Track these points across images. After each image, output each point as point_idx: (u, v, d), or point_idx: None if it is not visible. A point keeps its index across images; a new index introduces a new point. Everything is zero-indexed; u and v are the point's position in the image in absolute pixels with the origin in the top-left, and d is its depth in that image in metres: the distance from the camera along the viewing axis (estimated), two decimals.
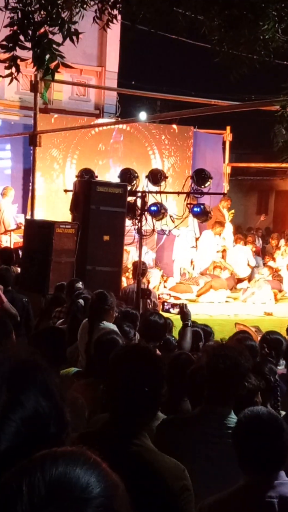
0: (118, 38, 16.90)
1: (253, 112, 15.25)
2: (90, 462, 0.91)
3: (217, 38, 6.25)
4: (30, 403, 1.12)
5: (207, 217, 10.43)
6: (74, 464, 0.89)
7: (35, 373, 1.19)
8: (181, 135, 15.84)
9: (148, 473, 2.20)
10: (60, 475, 0.87)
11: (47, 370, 1.21)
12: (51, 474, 0.87)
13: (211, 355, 3.13)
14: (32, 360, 1.22)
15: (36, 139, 12.21)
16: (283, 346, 5.75)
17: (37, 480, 0.86)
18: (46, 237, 9.24)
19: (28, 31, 5.06)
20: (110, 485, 0.90)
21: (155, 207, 10.12)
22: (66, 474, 0.87)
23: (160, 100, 21.86)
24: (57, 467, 0.88)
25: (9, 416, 1.10)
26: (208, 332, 6.69)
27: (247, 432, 2.50)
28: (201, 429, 3.03)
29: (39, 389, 1.15)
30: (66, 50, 5.20)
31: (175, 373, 4.07)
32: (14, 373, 1.17)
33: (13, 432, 1.09)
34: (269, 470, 2.44)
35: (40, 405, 1.13)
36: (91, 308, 5.60)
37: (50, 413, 1.14)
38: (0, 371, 1.17)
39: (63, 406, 1.18)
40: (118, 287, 9.98)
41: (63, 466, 0.88)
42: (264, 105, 9.43)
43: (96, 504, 0.86)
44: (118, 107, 17.56)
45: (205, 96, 14.69)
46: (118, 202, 9.83)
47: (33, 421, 1.11)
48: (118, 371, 2.41)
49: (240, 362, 3.07)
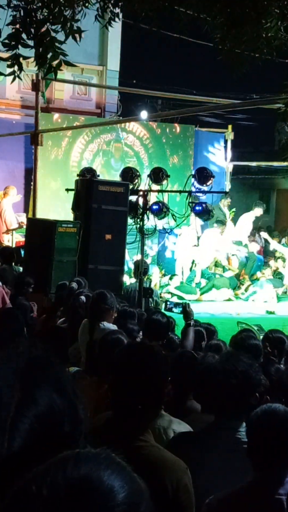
0: (120, 37, 16.89)
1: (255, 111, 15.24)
2: (115, 465, 0.87)
3: (219, 36, 6.23)
4: (44, 400, 1.11)
5: (209, 215, 10.42)
6: (97, 467, 0.85)
7: (49, 370, 1.18)
8: (182, 134, 15.83)
9: (151, 468, 2.20)
10: (82, 477, 0.83)
11: (61, 367, 1.20)
12: (73, 477, 0.83)
13: (220, 370, 3.09)
14: (45, 357, 1.20)
15: (37, 138, 12.21)
16: (285, 345, 5.74)
17: (58, 482, 0.83)
18: (48, 236, 9.24)
19: (31, 29, 5.04)
20: (135, 491, 0.86)
21: (157, 206, 10.11)
22: (89, 477, 0.84)
23: (161, 99, 21.84)
24: (79, 470, 0.84)
25: (23, 413, 1.09)
26: (212, 331, 6.68)
27: (261, 427, 2.50)
28: (213, 443, 2.99)
29: (53, 386, 1.14)
30: (68, 49, 5.18)
31: (178, 372, 4.07)
32: (27, 370, 1.15)
33: (27, 429, 1.08)
34: (279, 467, 2.43)
35: (54, 402, 1.12)
36: (91, 307, 5.62)
37: (64, 410, 1.12)
38: (14, 367, 1.16)
39: (77, 403, 1.16)
40: (120, 285, 9.98)
41: (86, 468, 0.85)
42: (266, 103, 9.41)
43: (119, 510, 0.82)
44: (120, 106, 17.56)
45: (207, 95, 14.68)
46: (120, 201, 9.82)
47: (47, 418, 1.10)
48: (122, 369, 2.42)
49: (251, 375, 3.03)
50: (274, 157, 17.61)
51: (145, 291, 9.93)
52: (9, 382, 1.12)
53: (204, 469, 2.86)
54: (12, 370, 1.15)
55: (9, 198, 13.22)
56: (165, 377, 2.46)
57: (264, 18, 5.74)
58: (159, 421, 3.46)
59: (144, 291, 9.85)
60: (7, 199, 13.17)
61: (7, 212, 12.98)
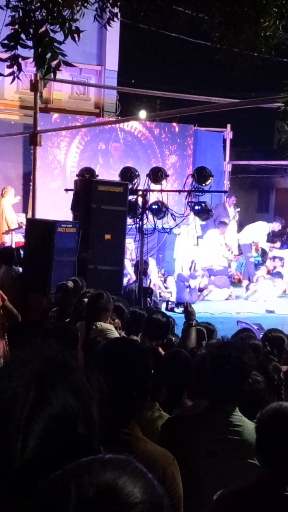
0: (118, 37, 16.89)
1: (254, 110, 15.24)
2: (138, 471, 0.90)
3: (217, 35, 6.22)
4: (58, 401, 1.12)
5: (208, 215, 10.43)
6: (121, 472, 0.87)
7: (64, 371, 1.19)
8: (181, 134, 15.84)
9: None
10: (107, 480, 0.86)
11: (76, 369, 1.21)
12: (99, 479, 0.85)
13: (214, 356, 3.14)
14: (61, 358, 1.22)
15: (36, 139, 12.20)
16: (285, 344, 5.74)
17: (85, 482, 0.85)
18: (48, 236, 9.23)
19: (29, 29, 5.04)
20: (156, 497, 0.88)
21: (156, 205, 10.12)
22: (114, 480, 0.86)
23: (160, 99, 21.84)
24: (105, 473, 0.87)
25: (37, 413, 1.10)
26: (211, 330, 6.68)
27: (270, 424, 2.52)
28: (206, 426, 3.04)
29: (68, 387, 1.15)
30: (66, 49, 5.18)
31: (172, 371, 4.07)
32: (43, 371, 1.17)
33: (41, 429, 1.09)
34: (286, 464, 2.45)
35: (68, 403, 1.13)
36: (88, 308, 5.65)
37: (78, 411, 1.14)
38: (30, 368, 1.17)
39: (91, 405, 1.17)
40: (120, 285, 9.98)
41: (111, 472, 0.87)
42: (265, 102, 9.40)
43: (140, 508, 0.84)
44: (118, 106, 17.55)
45: (206, 94, 14.67)
46: (119, 201, 9.82)
47: (61, 419, 1.11)
48: (104, 364, 2.44)
49: (244, 361, 3.08)
50: (273, 156, 17.63)
51: (145, 290, 9.94)
52: (25, 382, 1.14)
53: (194, 450, 2.92)
54: (28, 370, 1.16)
55: (8, 198, 13.22)
56: (148, 370, 2.49)
57: (263, 17, 5.73)
58: (159, 420, 3.47)
59: (144, 291, 9.85)
60: (6, 199, 13.17)
61: (7, 211, 13.00)
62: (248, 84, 15.72)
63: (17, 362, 1.20)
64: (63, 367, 1.20)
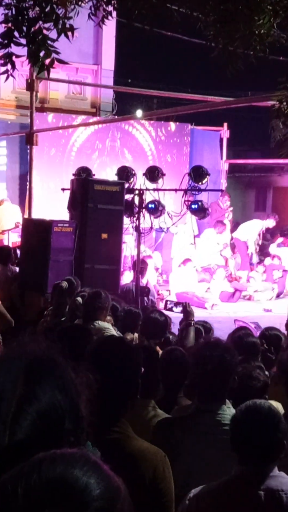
0: (114, 36, 16.87)
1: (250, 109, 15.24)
2: (90, 464, 0.89)
3: (212, 33, 6.22)
4: (46, 397, 1.13)
5: (205, 213, 10.42)
6: (72, 466, 0.87)
7: (52, 367, 1.19)
8: (178, 132, 15.83)
9: (127, 459, 2.23)
10: (57, 476, 0.85)
11: (64, 365, 1.22)
12: (48, 476, 0.85)
13: (197, 356, 3.15)
14: (49, 355, 1.22)
15: (32, 138, 12.20)
16: (281, 342, 5.74)
17: (33, 481, 0.84)
18: (44, 236, 9.22)
19: (23, 27, 5.04)
20: (111, 488, 0.87)
21: (152, 204, 10.10)
22: (64, 475, 0.85)
23: (156, 98, 21.81)
24: (54, 468, 0.86)
25: (24, 408, 1.10)
26: (208, 329, 6.67)
27: (242, 421, 2.52)
28: (194, 427, 3.05)
29: (55, 384, 1.16)
30: (62, 48, 5.18)
31: (168, 369, 4.07)
32: (31, 367, 1.17)
33: (29, 424, 1.09)
34: (263, 462, 2.45)
35: (56, 399, 1.13)
36: (85, 306, 5.64)
37: (66, 407, 1.14)
38: (17, 364, 1.17)
39: (79, 402, 1.18)
40: (117, 285, 9.97)
41: (61, 467, 0.86)
42: (260, 100, 9.40)
43: (96, 506, 0.83)
44: (115, 105, 17.53)
45: (202, 94, 14.66)
46: (115, 200, 9.81)
47: (48, 415, 1.11)
48: (93, 362, 2.43)
49: (226, 360, 3.08)
50: (270, 155, 17.64)
51: (142, 289, 9.93)
52: (13, 377, 1.14)
53: (184, 451, 2.93)
54: (16, 366, 1.17)
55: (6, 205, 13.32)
56: (138, 369, 2.48)
57: (257, 15, 5.74)
58: (155, 418, 3.47)
59: (141, 290, 9.84)
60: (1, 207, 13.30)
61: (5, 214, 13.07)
62: (245, 84, 15.71)
63: (4, 359, 1.20)
64: (51, 363, 1.20)
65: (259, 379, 3.80)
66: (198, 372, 3.10)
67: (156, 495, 2.28)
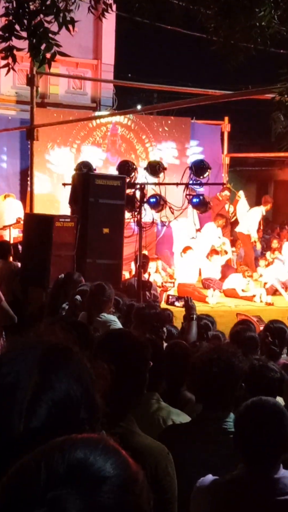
0: (114, 30, 16.84)
1: (251, 103, 15.20)
2: (109, 447, 0.92)
3: (213, 26, 6.20)
4: (61, 386, 1.14)
5: (206, 207, 10.41)
6: (92, 450, 0.89)
7: (67, 357, 1.20)
8: (179, 127, 15.80)
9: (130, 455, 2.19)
10: (78, 458, 0.88)
11: (79, 355, 1.23)
12: (69, 457, 0.88)
13: (204, 359, 3.06)
14: (64, 344, 1.23)
15: (33, 133, 12.17)
16: (286, 335, 5.73)
17: (56, 461, 0.87)
18: (46, 231, 9.21)
19: (24, 20, 5.02)
20: (129, 470, 0.91)
21: (154, 198, 10.08)
22: (85, 457, 0.88)
23: (157, 92, 21.78)
24: (75, 451, 0.89)
25: (40, 397, 1.12)
26: (210, 322, 6.67)
27: (246, 418, 2.48)
28: (199, 436, 2.97)
29: (70, 373, 1.17)
30: (62, 43, 5.15)
31: (172, 362, 4.06)
32: (46, 356, 1.18)
33: (44, 413, 1.11)
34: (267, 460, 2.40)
35: (71, 388, 1.15)
36: (89, 299, 5.61)
37: (81, 397, 1.15)
38: (33, 353, 1.18)
39: (94, 391, 1.19)
40: (119, 279, 9.96)
41: (82, 450, 0.89)
42: (260, 93, 9.37)
43: (113, 482, 0.87)
44: (115, 99, 17.50)
45: (203, 87, 14.62)
46: (117, 195, 9.79)
47: (64, 404, 1.13)
48: (101, 355, 2.41)
49: (234, 364, 3.01)
50: (271, 148, 17.60)
51: (144, 284, 9.92)
52: (28, 366, 1.16)
53: (190, 461, 2.83)
54: (32, 356, 1.18)
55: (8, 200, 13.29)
56: (146, 363, 2.46)
57: (258, 6, 5.72)
58: (159, 411, 3.46)
59: (143, 285, 9.83)
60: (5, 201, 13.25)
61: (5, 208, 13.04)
62: (246, 78, 15.67)
63: (20, 348, 1.22)
64: (66, 353, 1.21)
65: (276, 370, 3.78)
66: (203, 376, 3.00)
67: (159, 491, 2.26)
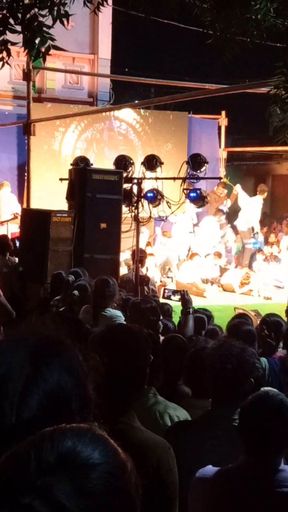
0: (110, 25, 16.80)
1: (248, 97, 15.18)
2: (98, 438, 0.93)
3: (209, 19, 6.18)
4: (53, 377, 1.14)
5: (203, 202, 10.40)
6: (81, 439, 0.91)
7: (59, 348, 1.20)
8: (176, 121, 15.79)
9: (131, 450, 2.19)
10: (67, 447, 0.89)
11: (71, 347, 1.23)
12: (59, 445, 0.89)
13: (215, 356, 3.03)
14: (56, 336, 1.23)
15: (30, 128, 12.16)
16: (282, 328, 5.73)
17: (45, 449, 0.89)
18: (43, 226, 9.22)
19: (18, 14, 4.99)
20: (117, 458, 0.92)
21: (151, 193, 10.07)
22: (73, 446, 0.89)
23: (154, 87, 21.75)
24: (65, 440, 0.90)
25: (31, 388, 1.12)
26: (208, 316, 6.68)
27: (250, 410, 2.47)
28: (210, 433, 2.95)
29: (62, 365, 1.17)
30: (59, 38, 5.13)
31: (168, 356, 4.06)
32: (38, 348, 1.18)
33: (36, 404, 1.11)
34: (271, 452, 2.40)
35: (63, 380, 1.15)
36: (95, 295, 5.63)
37: (73, 388, 1.15)
38: (25, 345, 1.19)
39: (86, 383, 1.19)
40: (117, 274, 9.95)
41: (71, 439, 0.90)
42: (257, 86, 9.35)
43: (102, 469, 0.88)
44: (112, 94, 17.48)
45: (200, 81, 14.59)
46: (114, 189, 9.79)
47: (55, 395, 1.13)
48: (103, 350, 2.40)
49: (245, 359, 3.00)
50: (269, 143, 17.59)
51: (141, 279, 9.92)
52: (20, 358, 1.16)
53: (201, 459, 2.79)
54: (24, 347, 1.18)
55: (5, 190, 13.24)
56: (147, 358, 2.45)
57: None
58: (155, 405, 3.46)
59: (140, 279, 9.83)
60: (2, 191, 13.20)
61: (3, 203, 13.00)
62: (243, 72, 15.65)
63: (12, 339, 1.22)
64: (58, 344, 1.21)
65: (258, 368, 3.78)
66: (216, 373, 2.96)
67: (160, 486, 2.25)
